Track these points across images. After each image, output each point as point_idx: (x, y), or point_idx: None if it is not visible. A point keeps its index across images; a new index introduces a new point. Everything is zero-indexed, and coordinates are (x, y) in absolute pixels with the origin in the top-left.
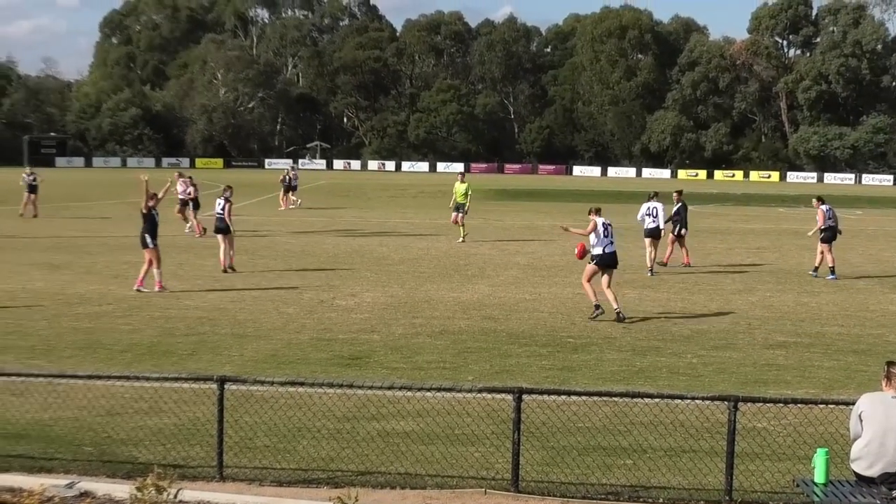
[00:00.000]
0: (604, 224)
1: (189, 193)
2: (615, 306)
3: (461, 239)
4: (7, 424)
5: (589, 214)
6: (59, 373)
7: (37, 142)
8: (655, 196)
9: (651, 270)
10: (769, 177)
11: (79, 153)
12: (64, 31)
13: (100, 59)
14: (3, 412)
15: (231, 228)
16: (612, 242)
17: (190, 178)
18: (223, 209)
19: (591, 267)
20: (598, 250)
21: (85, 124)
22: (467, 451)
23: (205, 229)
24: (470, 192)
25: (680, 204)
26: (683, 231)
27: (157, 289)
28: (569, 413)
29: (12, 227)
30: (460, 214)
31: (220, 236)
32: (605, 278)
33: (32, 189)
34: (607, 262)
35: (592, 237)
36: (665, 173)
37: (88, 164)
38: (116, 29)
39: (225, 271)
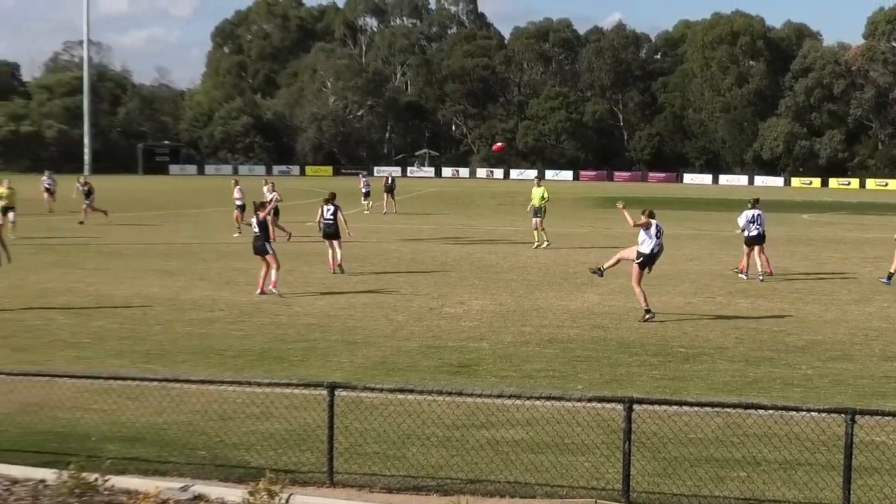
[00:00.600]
0: (657, 226)
1: (247, 199)
2: (645, 305)
3: (538, 244)
4: (123, 427)
5: (642, 215)
6: (172, 377)
7: (151, 150)
8: (757, 203)
9: (760, 276)
10: (886, 185)
11: (191, 161)
12: (177, 41)
13: (212, 68)
14: (120, 415)
15: (345, 233)
16: (661, 244)
17: (273, 184)
18: (332, 215)
19: (637, 268)
20: (646, 248)
21: (197, 132)
22: (577, 461)
23: (290, 234)
24: (546, 197)
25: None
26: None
27: (272, 287)
28: (680, 423)
29: (128, 233)
30: (538, 220)
31: (328, 241)
32: (634, 272)
33: (87, 195)
34: (651, 262)
35: (643, 234)
36: (778, 181)
37: (201, 171)
38: (228, 38)
39: (334, 272)
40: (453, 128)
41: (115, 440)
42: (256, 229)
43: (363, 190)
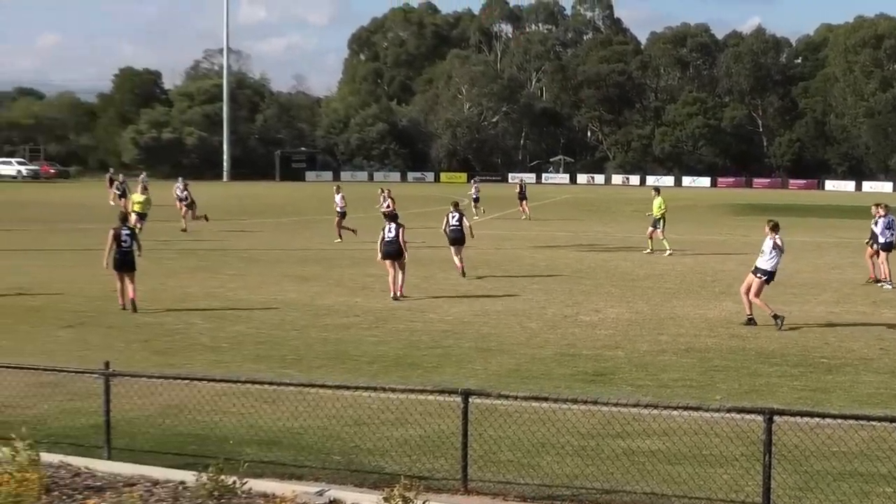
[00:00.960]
0: (781, 240)
1: (383, 206)
2: (749, 312)
3: (652, 251)
4: (260, 431)
5: (768, 228)
6: (308, 382)
7: (288, 156)
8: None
9: (889, 283)
10: None
11: (328, 167)
12: (314, 48)
13: (348, 75)
14: (257, 419)
15: (469, 236)
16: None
17: (388, 190)
18: (458, 222)
19: (759, 282)
20: (769, 265)
21: (334, 139)
22: (715, 473)
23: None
24: (664, 207)
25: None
26: (875, 245)
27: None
28: (823, 436)
29: (266, 239)
30: (655, 229)
31: (454, 247)
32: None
33: (183, 200)
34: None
35: (769, 250)
36: None
37: (337, 178)
38: (364, 45)
39: (463, 275)
40: (588, 134)
41: (252, 443)
42: (392, 233)
43: (473, 196)
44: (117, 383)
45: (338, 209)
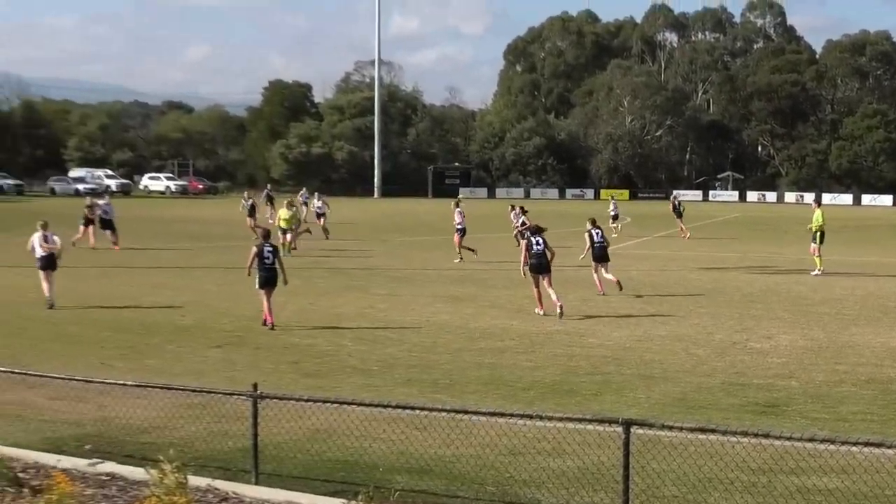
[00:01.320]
0: None
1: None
2: None
3: (816, 271)
4: (410, 459)
5: None
6: (461, 408)
7: (441, 172)
8: None
9: None
10: None
11: (482, 183)
12: (468, 59)
13: (504, 87)
14: (407, 446)
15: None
16: None
17: (522, 208)
18: (602, 237)
19: None
20: None
21: (488, 154)
22: None
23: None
24: (822, 221)
25: None
26: None
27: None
28: None
29: (419, 257)
30: (814, 245)
31: (597, 264)
32: None
33: (322, 216)
34: None
35: None
36: None
37: (491, 194)
38: (521, 56)
39: (620, 288)
40: (759, 149)
41: (402, 471)
42: (540, 247)
43: (612, 213)
44: (265, 406)
45: (457, 226)
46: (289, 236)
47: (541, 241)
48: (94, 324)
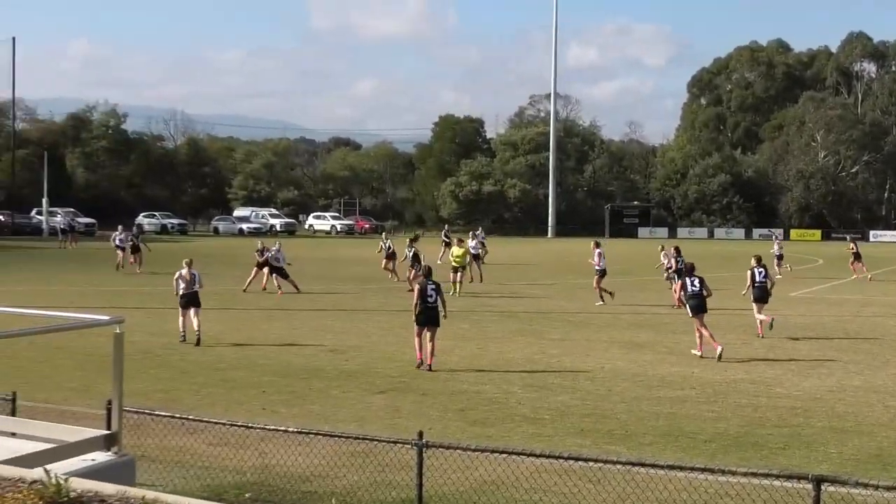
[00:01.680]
0: None
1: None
2: None
3: None
4: None
5: None
6: (638, 461)
7: (619, 211)
8: None
9: None
10: None
11: (662, 223)
12: (650, 92)
13: (687, 121)
14: (580, 500)
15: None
16: None
17: (676, 248)
18: (764, 277)
19: None
20: None
21: (669, 192)
22: None
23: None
24: None
25: None
26: None
27: (698, 352)
28: None
29: (593, 300)
30: None
31: (758, 304)
32: None
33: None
34: None
35: None
36: None
37: (672, 234)
38: (706, 88)
39: (771, 327)
40: None
41: None
42: (697, 287)
43: (776, 254)
44: (431, 455)
45: (596, 267)
46: (459, 275)
47: (696, 280)
48: (257, 368)
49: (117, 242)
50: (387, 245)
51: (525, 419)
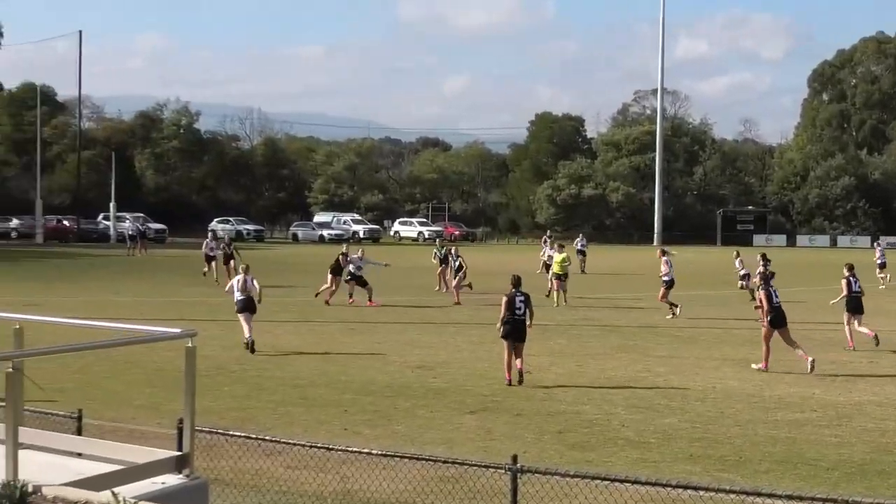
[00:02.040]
0: None
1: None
2: None
3: None
4: None
5: None
6: (753, 490)
7: (732, 216)
8: None
9: None
10: None
11: (779, 230)
12: (766, 87)
13: (807, 118)
14: None
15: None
16: None
17: (763, 255)
18: (859, 287)
19: None
20: None
21: (788, 196)
22: None
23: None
24: None
25: None
26: None
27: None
28: None
29: (706, 313)
30: None
31: (855, 315)
32: None
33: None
34: None
35: None
36: None
37: (791, 242)
38: (828, 83)
39: (877, 342)
40: None
41: None
42: (777, 298)
43: (879, 261)
44: (526, 481)
45: (663, 277)
46: (561, 283)
47: (775, 291)
48: (338, 385)
49: (208, 251)
50: (442, 252)
51: (629, 443)
